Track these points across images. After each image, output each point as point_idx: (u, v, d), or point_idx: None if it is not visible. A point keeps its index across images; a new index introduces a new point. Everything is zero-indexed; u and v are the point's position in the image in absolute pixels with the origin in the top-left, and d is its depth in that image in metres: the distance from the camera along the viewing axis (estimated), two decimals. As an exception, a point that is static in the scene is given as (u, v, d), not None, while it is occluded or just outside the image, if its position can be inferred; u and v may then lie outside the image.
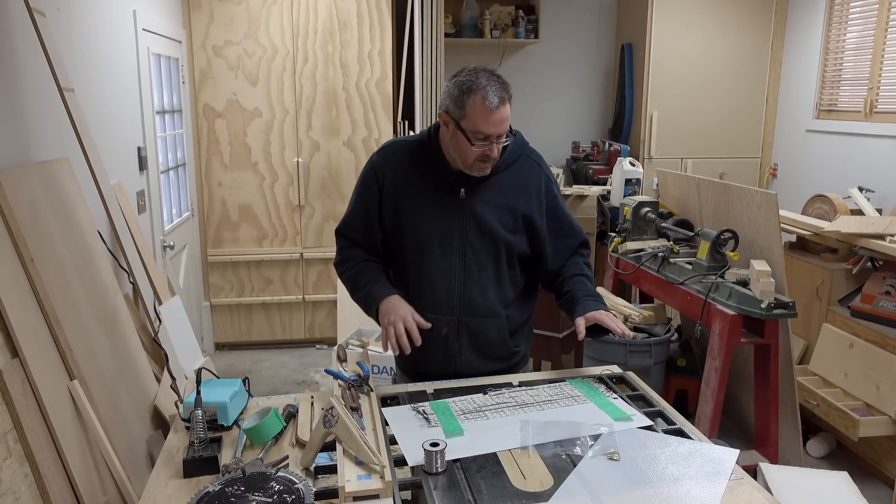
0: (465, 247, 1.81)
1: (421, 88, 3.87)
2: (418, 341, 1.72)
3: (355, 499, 1.28)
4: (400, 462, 1.44)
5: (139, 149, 3.15)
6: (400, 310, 1.75)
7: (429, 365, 1.85)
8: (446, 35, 4.46)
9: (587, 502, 1.30)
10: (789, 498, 2.24)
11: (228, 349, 4.60)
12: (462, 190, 1.80)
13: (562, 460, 1.44)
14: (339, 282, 4.52)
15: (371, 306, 1.81)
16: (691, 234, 3.06)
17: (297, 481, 1.35)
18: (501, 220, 1.82)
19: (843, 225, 3.12)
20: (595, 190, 4.32)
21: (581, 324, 1.76)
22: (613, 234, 3.42)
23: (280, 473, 1.38)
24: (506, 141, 1.74)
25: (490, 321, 1.86)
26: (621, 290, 3.65)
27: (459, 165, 1.77)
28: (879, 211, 3.54)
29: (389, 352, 1.74)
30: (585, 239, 1.99)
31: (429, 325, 1.76)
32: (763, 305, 2.53)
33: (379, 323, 1.77)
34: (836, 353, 3.08)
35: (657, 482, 1.35)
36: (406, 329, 1.72)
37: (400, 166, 1.84)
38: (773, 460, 2.68)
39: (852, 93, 4.13)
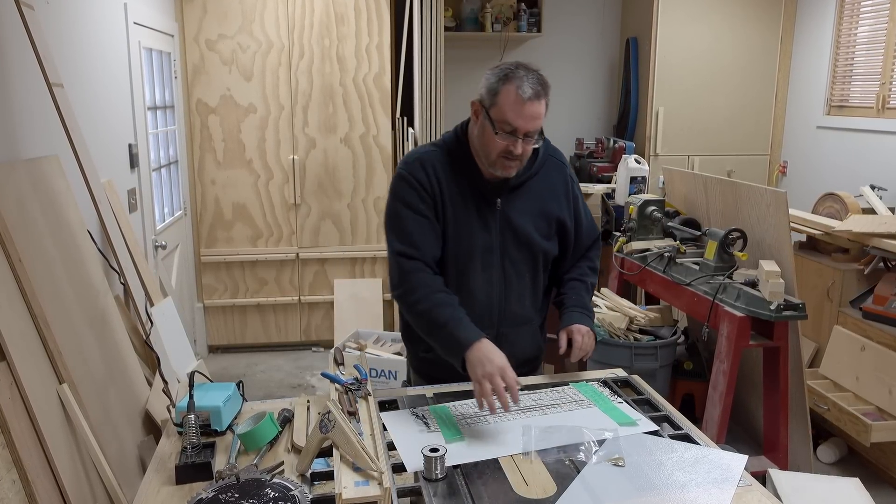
0: (504, 259, 1.79)
1: (420, 84, 3.81)
2: (517, 401, 1.57)
3: (352, 506, 1.26)
4: (399, 468, 1.44)
5: (130, 146, 3.11)
6: (495, 360, 1.57)
7: (462, 375, 1.70)
8: (446, 29, 4.41)
9: (592, 511, 1.28)
10: (800, 505, 2.20)
11: (222, 352, 4.56)
12: (498, 200, 1.76)
13: (565, 466, 1.44)
14: (335, 283, 4.50)
15: (457, 351, 1.63)
16: (698, 233, 3.03)
17: (292, 488, 1.34)
18: (538, 227, 1.80)
19: (855, 224, 3.08)
20: (599, 188, 4.28)
21: (563, 338, 1.79)
22: (618, 234, 3.40)
23: (275, 480, 1.37)
24: (535, 143, 1.68)
25: (526, 328, 1.86)
26: (626, 290, 3.61)
27: (483, 163, 1.71)
28: (892, 210, 3.50)
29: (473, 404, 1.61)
30: (598, 235, 1.98)
31: (521, 384, 1.62)
32: (772, 307, 2.49)
33: (464, 371, 1.62)
34: (847, 355, 3.04)
35: (663, 489, 1.34)
36: (506, 386, 1.54)
37: (442, 176, 1.74)
38: (783, 466, 2.65)
39: (864, 88, 4.08)
